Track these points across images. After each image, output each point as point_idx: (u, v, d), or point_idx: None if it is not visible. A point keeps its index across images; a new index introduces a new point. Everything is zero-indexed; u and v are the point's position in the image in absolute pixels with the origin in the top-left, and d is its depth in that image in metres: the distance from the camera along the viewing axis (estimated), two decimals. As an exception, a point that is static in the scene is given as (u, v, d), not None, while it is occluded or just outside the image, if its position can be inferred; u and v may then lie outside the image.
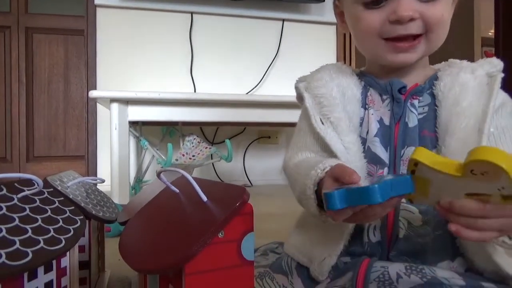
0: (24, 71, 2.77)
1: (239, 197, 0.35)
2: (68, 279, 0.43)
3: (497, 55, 2.33)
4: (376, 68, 0.62)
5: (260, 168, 2.37)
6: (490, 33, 3.49)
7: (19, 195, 0.42)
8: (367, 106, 0.60)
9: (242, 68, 2.33)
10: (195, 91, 2.24)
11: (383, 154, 0.56)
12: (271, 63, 2.35)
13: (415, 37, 0.55)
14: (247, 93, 2.28)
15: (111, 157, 1.61)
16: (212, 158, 1.95)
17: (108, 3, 2.15)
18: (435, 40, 0.56)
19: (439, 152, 0.53)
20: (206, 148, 1.81)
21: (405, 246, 0.52)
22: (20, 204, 0.41)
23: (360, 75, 0.63)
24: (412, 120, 0.56)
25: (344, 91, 0.60)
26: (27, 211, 0.40)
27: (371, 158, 0.56)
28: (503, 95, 0.56)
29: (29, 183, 0.45)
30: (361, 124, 0.59)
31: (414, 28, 0.54)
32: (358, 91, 0.61)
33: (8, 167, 2.74)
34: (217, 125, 2.24)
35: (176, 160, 1.68)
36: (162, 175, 0.44)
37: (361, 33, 0.58)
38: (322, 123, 0.58)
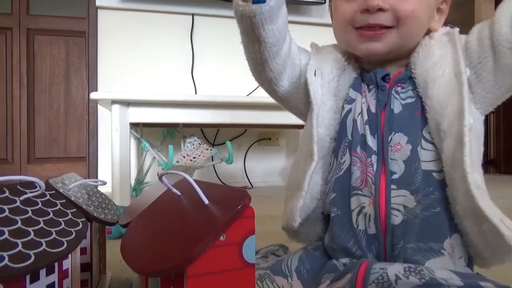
0: (25, 73, 2.78)
1: (241, 200, 0.35)
2: (70, 281, 0.43)
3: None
4: (362, 59, 0.65)
5: (261, 169, 2.37)
6: (490, 35, 3.48)
7: (22, 198, 0.42)
8: (361, 91, 0.62)
9: (243, 70, 2.30)
10: (196, 92, 2.24)
11: (372, 141, 0.58)
12: (272, 64, 2.35)
13: (384, 28, 0.57)
14: (248, 95, 2.28)
15: (112, 159, 1.61)
16: (212, 160, 1.95)
17: (109, 4, 2.15)
18: (406, 34, 0.57)
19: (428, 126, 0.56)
20: (207, 149, 1.82)
21: (405, 232, 0.54)
22: (22, 207, 0.41)
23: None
24: (397, 106, 0.58)
25: (341, 68, 0.63)
26: (29, 214, 0.41)
27: (363, 143, 0.58)
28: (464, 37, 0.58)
29: (31, 185, 0.45)
30: (349, 102, 0.62)
31: (383, 18, 0.56)
32: (352, 76, 0.63)
33: (9, 169, 2.75)
34: (218, 126, 2.24)
35: (177, 161, 1.69)
36: (164, 177, 0.45)
37: (337, 22, 0.62)
38: (315, 75, 0.61)
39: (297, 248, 0.65)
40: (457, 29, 0.58)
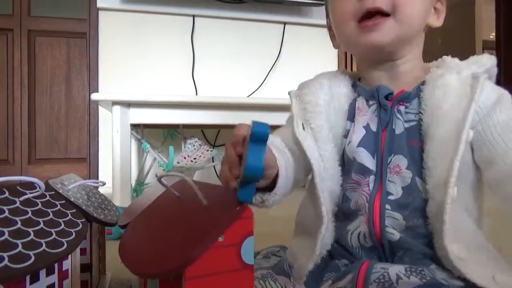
0: (26, 74, 2.78)
1: (239, 201, 0.35)
2: (69, 282, 0.43)
3: (498, 57, 2.33)
4: (364, 69, 0.62)
5: (261, 170, 2.37)
6: (491, 36, 3.49)
7: (21, 198, 0.42)
8: (354, 119, 0.60)
9: (244, 71, 2.33)
10: (196, 93, 2.24)
11: (370, 162, 0.56)
12: (273, 66, 2.36)
13: (382, 17, 0.55)
14: (248, 96, 2.29)
15: (112, 160, 1.61)
16: (213, 161, 1.95)
17: (110, 6, 2.16)
18: (404, 21, 0.55)
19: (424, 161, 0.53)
20: (208, 151, 1.82)
21: (404, 245, 0.53)
22: (22, 207, 0.41)
23: (354, 85, 0.63)
24: (399, 127, 0.56)
25: (331, 101, 0.60)
26: (29, 214, 0.41)
27: (358, 168, 0.57)
28: (497, 92, 0.54)
29: (31, 186, 0.45)
30: (346, 136, 0.60)
31: (381, 2, 0.54)
32: (346, 103, 0.61)
33: (9, 169, 2.75)
34: (219, 127, 2.24)
35: (178, 163, 1.69)
36: (163, 178, 0.45)
37: (336, 21, 0.60)
38: (303, 129, 0.58)
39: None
40: (482, 78, 0.52)
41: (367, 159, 0.56)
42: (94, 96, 1.60)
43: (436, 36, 3.29)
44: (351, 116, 0.60)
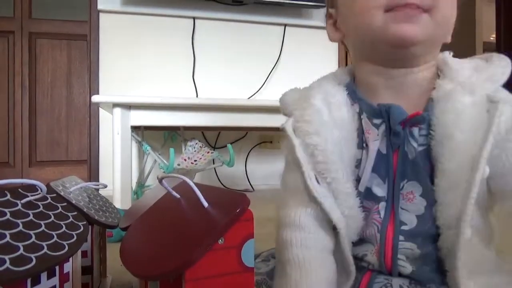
0: (27, 76, 2.79)
1: (240, 203, 0.35)
2: (70, 285, 0.44)
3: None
4: (364, 72, 0.55)
5: (262, 172, 2.37)
6: (491, 38, 3.49)
7: (23, 201, 0.42)
8: (364, 145, 0.52)
9: (244, 73, 2.33)
10: (197, 96, 2.25)
11: (380, 189, 0.50)
12: (273, 67, 2.36)
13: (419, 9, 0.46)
14: (249, 98, 2.29)
15: (113, 162, 1.61)
16: (214, 163, 1.95)
17: (111, 8, 2.16)
18: (440, 21, 0.47)
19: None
20: (208, 153, 1.82)
21: (412, 278, 0.49)
22: (23, 210, 0.41)
23: (353, 97, 0.54)
24: (411, 151, 0.49)
25: (341, 135, 0.51)
26: (31, 217, 0.41)
27: (367, 194, 0.51)
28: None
29: (32, 188, 0.45)
30: (357, 166, 0.52)
31: None
32: (354, 131, 0.52)
33: (10, 172, 2.75)
34: (219, 129, 2.24)
35: (178, 165, 1.69)
36: (163, 180, 0.45)
37: (360, 8, 0.49)
38: (318, 182, 0.49)
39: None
40: (501, 104, 0.45)
41: (378, 185, 0.51)
42: (95, 98, 1.60)
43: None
44: (361, 143, 0.52)
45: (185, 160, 1.74)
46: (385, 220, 0.50)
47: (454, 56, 0.54)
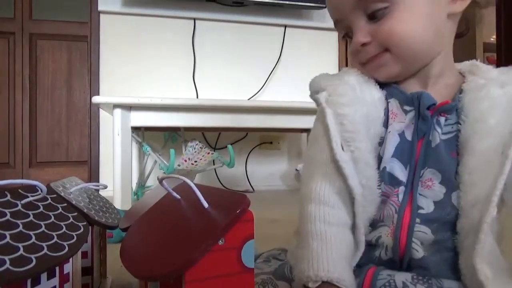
0: (27, 77, 2.79)
1: (240, 204, 0.35)
2: (71, 285, 0.43)
3: (498, 60, 2.33)
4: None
5: (262, 173, 2.37)
6: (492, 39, 3.49)
7: (23, 201, 0.42)
8: (388, 124, 0.55)
9: (244, 74, 2.34)
10: (197, 96, 2.25)
11: (402, 173, 0.52)
12: (273, 68, 2.36)
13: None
14: (249, 99, 2.29)
15: (113, 163, 1.61)
16: (214, 164, 1.95)
17: (111, 9, 2.17)
18: (402, 55, 0.52)
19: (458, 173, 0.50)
20: (208, 153, 1.82)
21: (424, 265, 0.50)
22: (24, 210, 0.41)
23: (381, 84, 0.57)
24: (435, 139, 0.52)
25: (368, 112, 0.54)
26: (31, 217, 0.41)
27: (388, 178, 0.53)
28: None
29: (32, 189, 0.45)
30: (380, 144, 0.54)
31: (371, 50, 0.53)
32: (382, 110, 0.55)
33: (11, 173, 2.75)
34: (219, 130, 2.24)
35: (179, 165, 1.69)
36: (164, 181, 0.45)
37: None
38: (343, 149, 0.51)
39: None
40: None
41: (399, 170, 0.52)
42: (95, 99, 1.60)
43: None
44: (386, 121, 0.55)
45: (185, 161, 1.74)
46: (403, 203, 0.52)
47: (454, 57, 0.57)
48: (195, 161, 1.76)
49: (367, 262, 0.53)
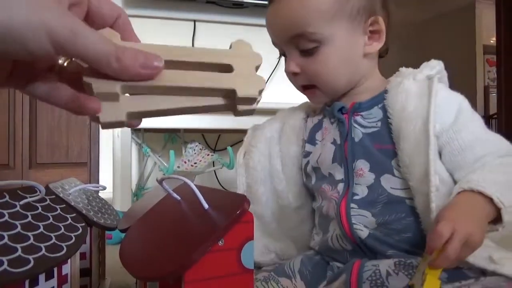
0: (27, 78, 2.79)
1: (240, 205, 0.35)
2: (69, 287, 0.43)
3: (498, 62, 2.33)
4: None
5: (262, 175, 2.37)
6: (491, 41, 3.50)
7: (22, 202, 0.42)
8: (316, 141, 0.66)
9: (244, 76, 2.34)
10: (197, 98, 2.25)
11: (340, 173, 0.61)
12: (273, 70, 2.36)
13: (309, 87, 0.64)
14: (249, 101, 2.29)
15: (113, 164, 1.61)
16: (214, 165, 1.95)
17: (111, 11, 2.17)
18: (326, 90, 0.63)
19: (399, 161, 0.57)
20: (208, 155, 1.82)
21: (378, 242, 0.56)
22: (22, 211, 0.41)
23: (323, 108, 0.69)
24: (357, 135, 0.61)
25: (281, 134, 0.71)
26: (29, 218, 0.41)
27: (329, 180, 0.62)
28: (458, 99, 0.60)
29: (31, 190, 0.45)
30: (306, 155, 0.67)
31: (300, 80, 0.63)
32: (300, 139, 0.68)
33: (10, 174, 2.75)
34: (219, 132, 2.24)
35: (178, 167, 1.69)
36: (164, 182, 0.45)
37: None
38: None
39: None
40: (436, 78, 0.59)
41: (338, 171, 0.61)
42: (95, 101, 1.60)
43: (437, 38, 3.30)
44: (313, 139, 0.67)
45: (185, 162, 1.74)
46: (341, 195, 0.59)
47: (454, 59, 0.63)
48: (195, 163, 1.75)
49: (338, 248, 0.60)
